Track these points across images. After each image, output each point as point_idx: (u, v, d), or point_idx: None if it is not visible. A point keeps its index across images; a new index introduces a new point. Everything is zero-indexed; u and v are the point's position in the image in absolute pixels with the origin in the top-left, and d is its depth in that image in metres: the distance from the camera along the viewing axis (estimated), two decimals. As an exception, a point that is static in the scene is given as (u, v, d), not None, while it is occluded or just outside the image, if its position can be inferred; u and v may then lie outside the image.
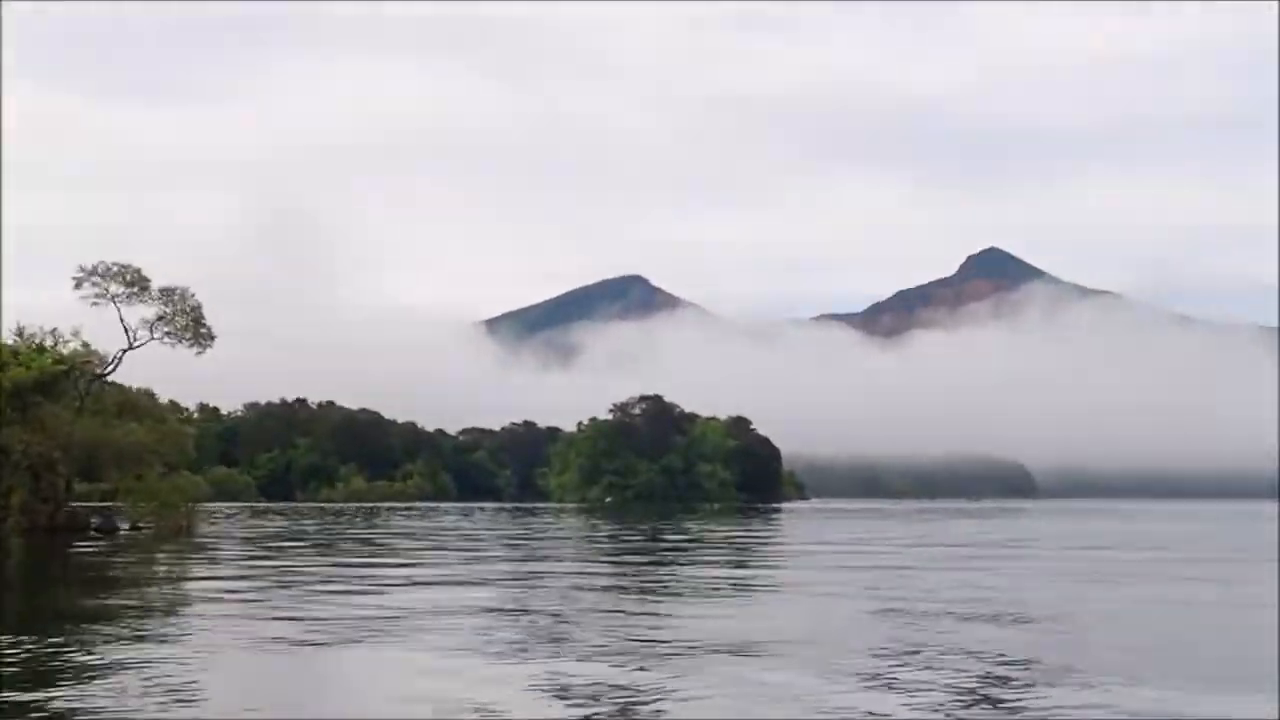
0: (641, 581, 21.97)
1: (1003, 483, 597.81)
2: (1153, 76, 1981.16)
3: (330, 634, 15.82)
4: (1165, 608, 19.80)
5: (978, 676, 12.52)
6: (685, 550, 32.77)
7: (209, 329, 65.10)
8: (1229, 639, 14.45)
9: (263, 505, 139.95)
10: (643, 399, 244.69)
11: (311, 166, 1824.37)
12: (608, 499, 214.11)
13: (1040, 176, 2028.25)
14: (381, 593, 20.71)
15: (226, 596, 21.71)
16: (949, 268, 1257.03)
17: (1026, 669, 13.14)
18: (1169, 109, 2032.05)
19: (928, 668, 13.04)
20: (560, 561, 28.27)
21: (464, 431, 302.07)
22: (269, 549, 35.03)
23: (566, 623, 15.48)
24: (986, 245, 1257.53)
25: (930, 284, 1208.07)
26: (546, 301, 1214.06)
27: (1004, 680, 12.46)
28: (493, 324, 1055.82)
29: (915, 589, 21.51)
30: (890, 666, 13.18)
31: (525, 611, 16.95)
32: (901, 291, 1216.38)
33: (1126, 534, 61.50)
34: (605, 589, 19.24)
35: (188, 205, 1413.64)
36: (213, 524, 63.57)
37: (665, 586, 20.58)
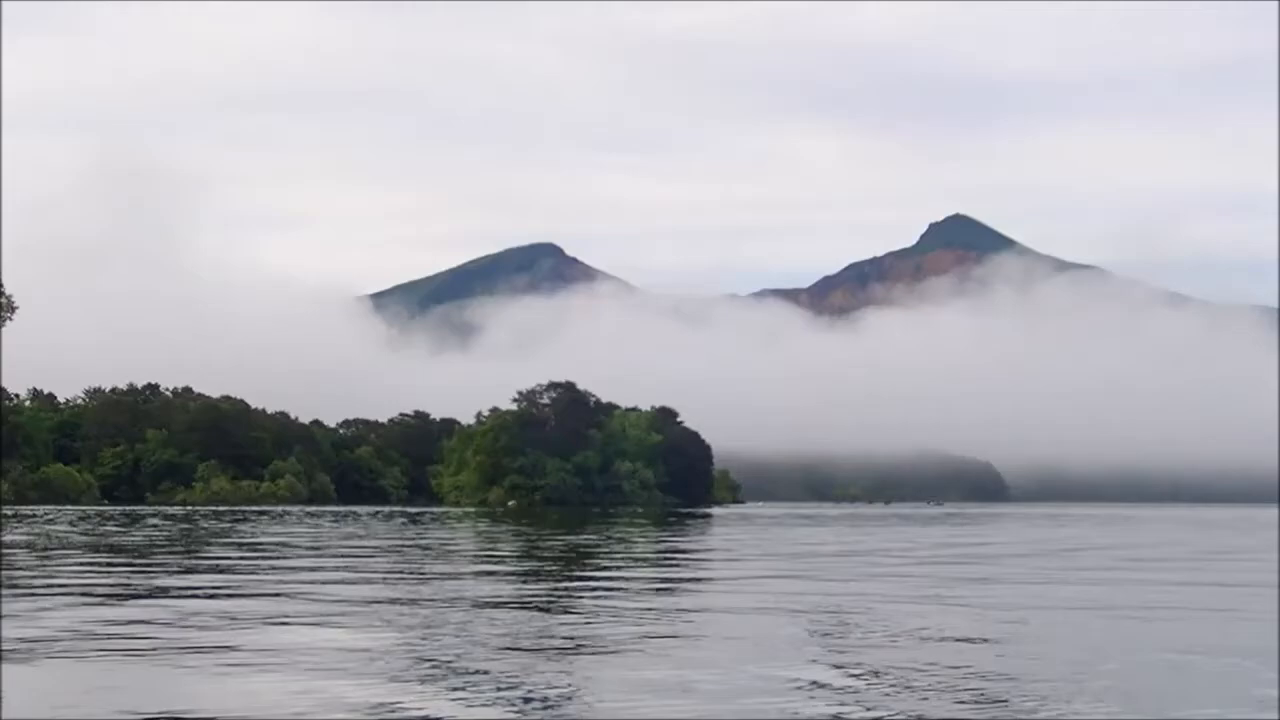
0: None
1: (970, 485, 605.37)
2: (1142, 21, 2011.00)
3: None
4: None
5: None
6: (557, 570, 34.14)
7: (7, 299, 64.19)
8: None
9: (104, 509, 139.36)
10: (553, 386, 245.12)
11: (167, 112, 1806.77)
12: (510, 503, 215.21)
13: (1013, 133, 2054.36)
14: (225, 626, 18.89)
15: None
16: (908, 237, 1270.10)
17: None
18: (1159, 59, 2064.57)
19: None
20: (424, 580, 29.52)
21: (345, 424, 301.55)
22: (80, 563, 35.39)
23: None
24: (951, 212, 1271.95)
25: (887, 255, 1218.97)
26: (442, 273, 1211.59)
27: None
28: (379, 299, 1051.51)
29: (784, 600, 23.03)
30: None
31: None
32: (854, 264, 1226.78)
33: (1088, 541, 63.76)
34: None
35: (16, 152, 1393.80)
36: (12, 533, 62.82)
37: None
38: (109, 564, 35.19)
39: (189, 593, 25.71)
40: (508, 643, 16.12)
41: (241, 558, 38.19)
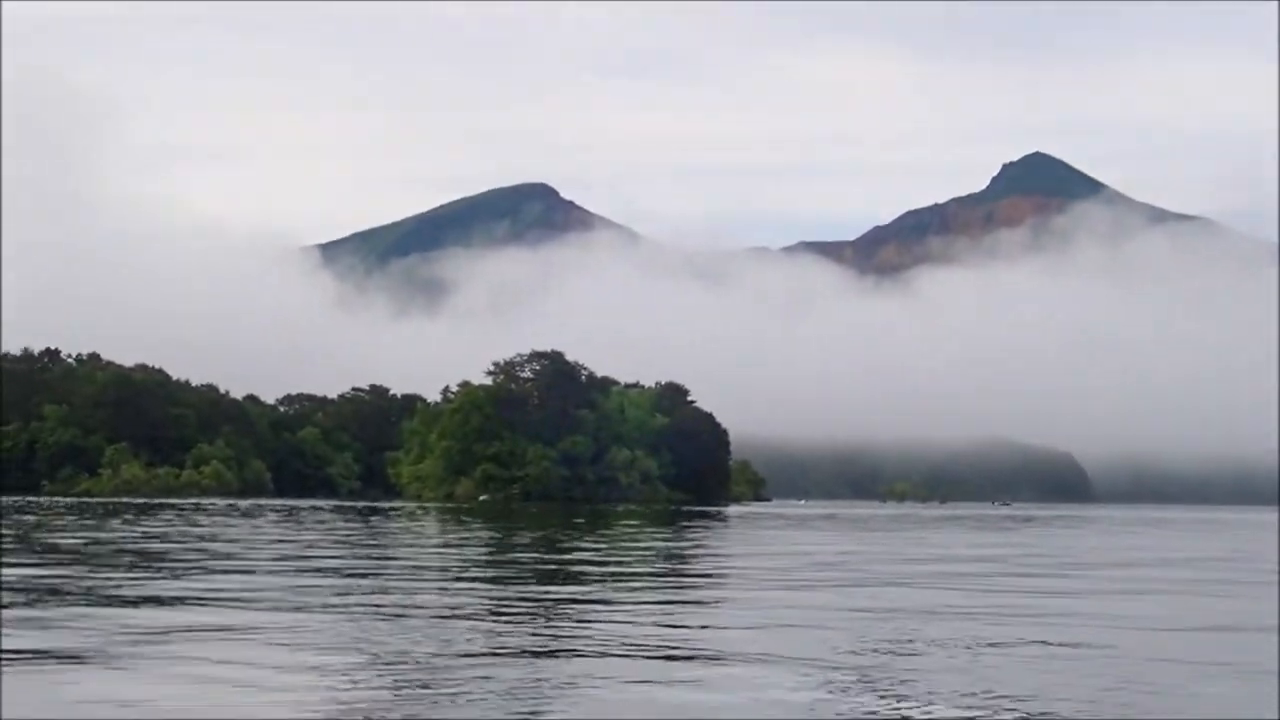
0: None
1: (1045, 481, 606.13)
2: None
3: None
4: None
5: None
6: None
7: None
8: None
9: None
10: (536, 357, 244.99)
11: (68, 24, 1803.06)
12: (482, 497, 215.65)
13: (1106, 58, 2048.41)
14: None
15: None
16: (978, 180, 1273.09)
17: None
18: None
19: None
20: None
21: (286, 400, 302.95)
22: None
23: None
24: (1030, 150, 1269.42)
25: (950, 203, 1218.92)
26: (408, 219, 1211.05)
27: None
28: (330, 250, 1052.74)
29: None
30: None
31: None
32: (912, 212, 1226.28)
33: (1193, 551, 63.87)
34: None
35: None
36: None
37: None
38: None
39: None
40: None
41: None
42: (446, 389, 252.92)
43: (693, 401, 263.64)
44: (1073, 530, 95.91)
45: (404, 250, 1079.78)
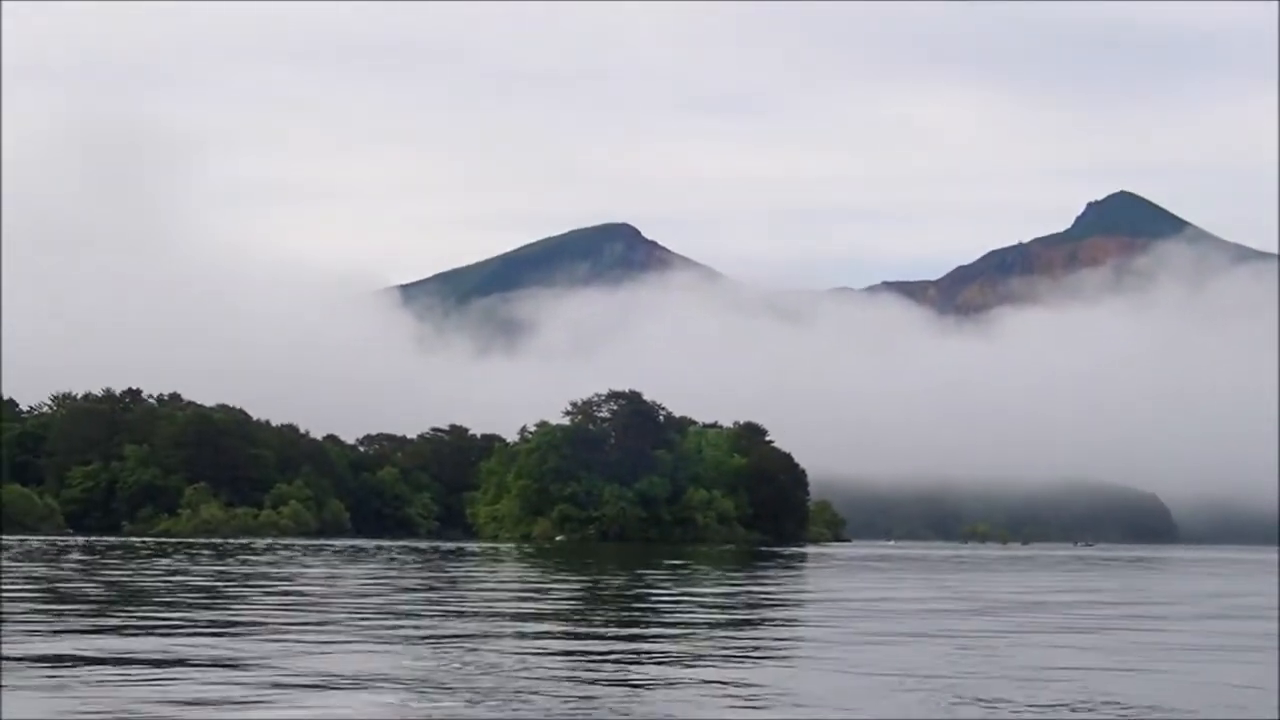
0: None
1: (1129, 523, 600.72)
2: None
3: None
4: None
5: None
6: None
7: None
8: None
9: (68, 540, 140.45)
10: (614, 397, 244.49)
11: (154, 60, 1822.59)
12: (558, 537, 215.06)
13: (1193, 97, 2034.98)
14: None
15: None
16: (1063, 220, 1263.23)
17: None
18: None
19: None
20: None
21: (366, 440, 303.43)
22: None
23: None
24: (1114, 189, 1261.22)
25: (1034, 242, 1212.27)
26: (491, 260, 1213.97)
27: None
28: (410, 291, 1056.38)
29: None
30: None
31: None
32: (995, 252, 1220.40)
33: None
34: None
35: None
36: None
37: None
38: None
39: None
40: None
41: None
42: (524, 429, 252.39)
43: (771, 441, 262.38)
44: (1150, 572, 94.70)
45: (485, 290, 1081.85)
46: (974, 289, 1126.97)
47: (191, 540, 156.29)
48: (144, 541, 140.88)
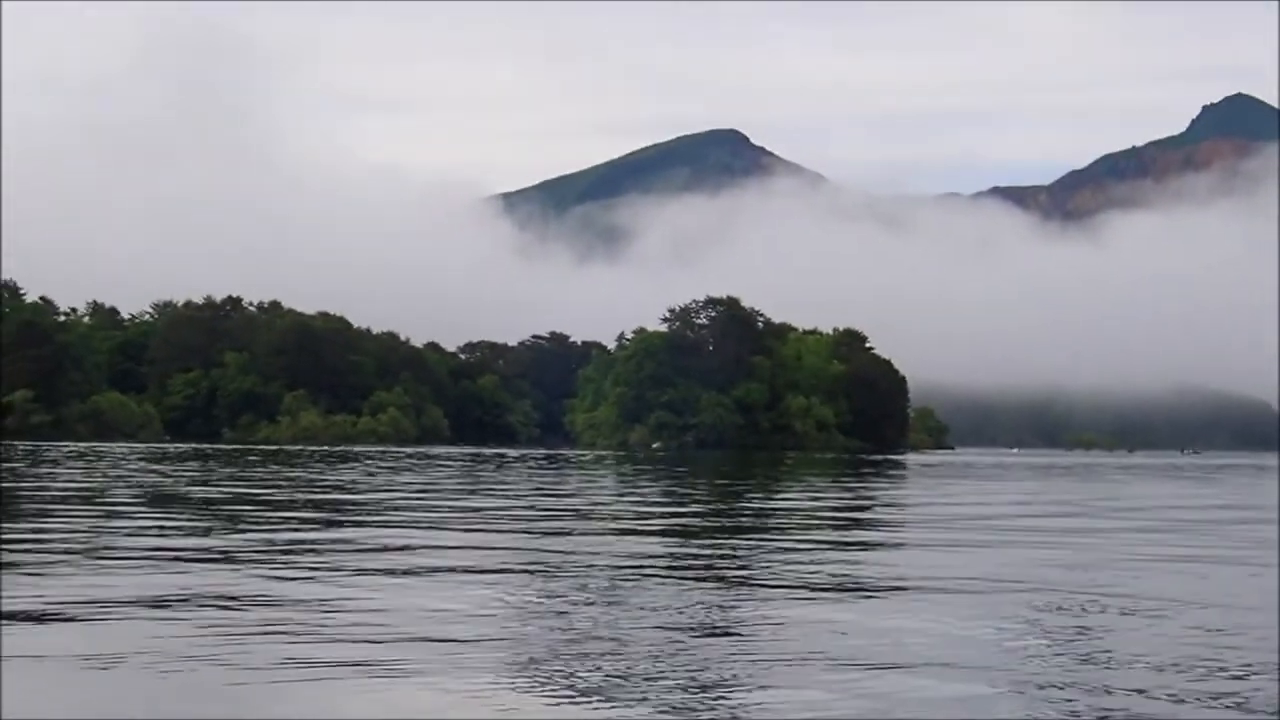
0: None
1: (1239, 429, 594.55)
2: None
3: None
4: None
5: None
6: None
7: None
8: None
9: (160, 447, 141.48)
10: (712, 303, 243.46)
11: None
12: (655, 445, 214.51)
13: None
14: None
15: None
16: (1178, 123, 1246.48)
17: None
18: None
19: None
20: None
21: (466, 347, 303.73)
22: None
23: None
24: (1231, 91, 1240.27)
25: (1148, 146, 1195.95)
26: (596, 168, 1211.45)
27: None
28: (512, 199, 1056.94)
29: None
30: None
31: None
32: (1107, 156, 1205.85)
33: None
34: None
35: (64, 26, 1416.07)
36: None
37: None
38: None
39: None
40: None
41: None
42: (621, 336, 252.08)
43: (871, 348, 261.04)
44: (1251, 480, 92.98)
45: (587, 198, 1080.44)
46: (1085, 194, 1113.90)
47: (305, 447, 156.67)
48: (273, 448, 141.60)
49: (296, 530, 28.25)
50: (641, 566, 21.08)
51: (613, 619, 15.26)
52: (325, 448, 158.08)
